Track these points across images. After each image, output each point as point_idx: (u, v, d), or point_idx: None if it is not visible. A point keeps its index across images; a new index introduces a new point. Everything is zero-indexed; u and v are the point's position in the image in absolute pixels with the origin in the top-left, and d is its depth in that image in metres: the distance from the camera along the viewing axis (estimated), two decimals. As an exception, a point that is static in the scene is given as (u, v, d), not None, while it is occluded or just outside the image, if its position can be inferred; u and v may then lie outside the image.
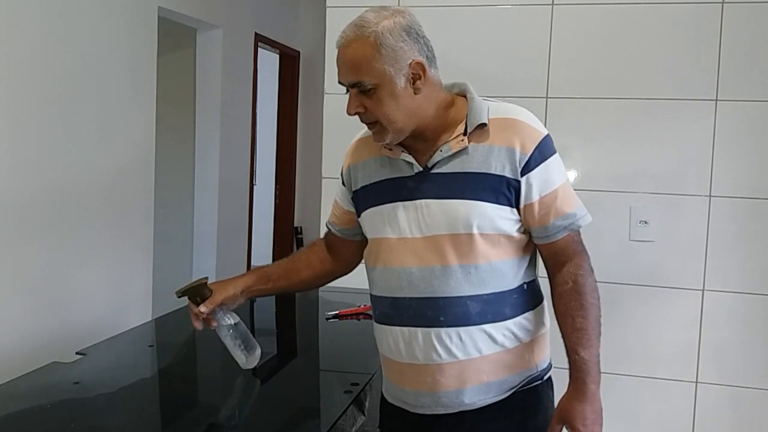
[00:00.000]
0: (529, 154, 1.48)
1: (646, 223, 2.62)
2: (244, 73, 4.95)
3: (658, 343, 2.65)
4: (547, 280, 1.60)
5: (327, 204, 2.92)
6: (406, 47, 1.47)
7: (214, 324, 1.69)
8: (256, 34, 5.03)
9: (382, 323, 1.61)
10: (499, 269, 1.52)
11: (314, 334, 2.50)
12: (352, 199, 1.68)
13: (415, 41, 1.49)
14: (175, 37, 4.51)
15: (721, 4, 2.53)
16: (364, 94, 1.48)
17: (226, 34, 4.58)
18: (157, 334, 2.36)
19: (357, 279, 1.93)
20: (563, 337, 1.56)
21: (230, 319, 1.71)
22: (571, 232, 1.53)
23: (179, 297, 1.65)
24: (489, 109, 1.53)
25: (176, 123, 4.59)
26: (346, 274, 1.84)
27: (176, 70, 4.61)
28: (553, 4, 2.65)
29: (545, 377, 1.62)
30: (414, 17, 1.53)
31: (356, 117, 1.57)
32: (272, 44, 5.36)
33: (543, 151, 1.50)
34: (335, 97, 2.87)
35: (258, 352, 1.74)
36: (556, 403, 1.58)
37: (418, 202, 1.52)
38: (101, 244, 3.43)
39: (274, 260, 6.62)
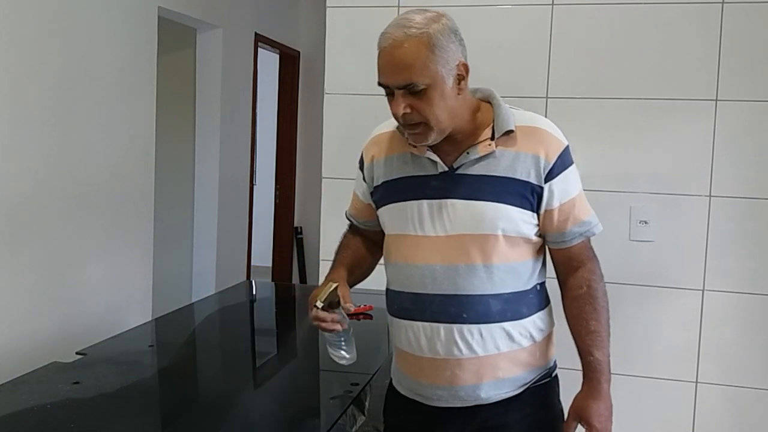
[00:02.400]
0: (552, 163, 1.55)
1: (646, 223, 2.62)
2: (244, 73, 4.95)
3: (658, 343, 2.65)
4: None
5: (327, 204, 2.93)
6: (455, 48, 1.51)
7: (345, 327, 1.61)
8: (256, 34, 5.03)
9: (400, 318, 1.63)
10: (518, 270, 1.58)
11: (314, 334, 2.50)
12: (371, 193, 1.72)
13: (460, 43, 1.53)
14: (175, 37, 4.51)
15: (721, 4, 2.53)
16: (414, 95, 1.49)
17: (226, 34, 4.58)
18: (157, 334, 2.36)
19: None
20: (575, 339, 1.62)
21: (347, 318, 1.63)
22: (585, 238, 1.62)
23: (323, 309, 1.56)
24: (514, 116, 1.58)
25: (176, 123, 4.59)
26: None
27: (176, 70, 4.61)
28: (553, 4, 2.65)
29: (553, 374, 1.69)
30: (453, 20, 1.56)
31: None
32: (272, 44, 5.36)
33: (564, 161, 1.57)
34: (335, 97, 2.88)
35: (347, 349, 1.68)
36: (563, 399, 1.68)
37: (443, 201, 1.56)
38: (101, 243, 3.43)
39: (274, 260, 6.59)
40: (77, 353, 1.95)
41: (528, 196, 1.54)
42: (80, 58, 3.23)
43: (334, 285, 1.58)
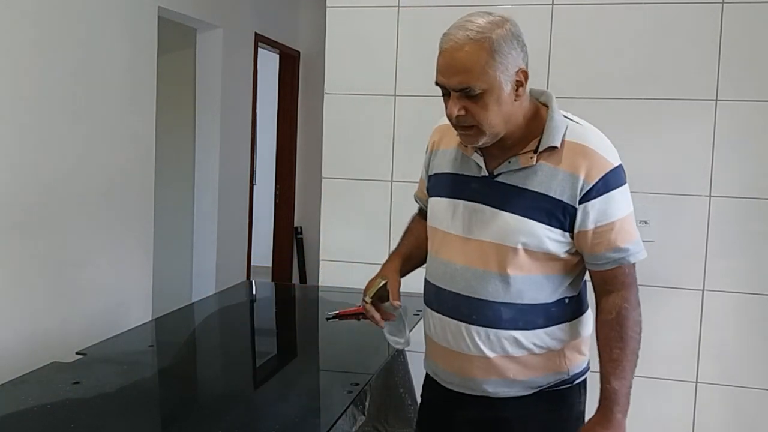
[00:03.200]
0: (592, 184, 1.52)
1: (646, 223, 2.61)
2: (244, 73, 4.94)
3: (658, 343, 2.65)
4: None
5: (327, 204, 2.93)
6: (515, 54, 1.51)
7: (394, 318, 1.70)
8: (256, 34, 5.03)
9: (427, 306, 1.73)
10: (540, 283, 1.58)
11: (314, 334, 2.50)
12: (428, 179, 1.77)
13: (522, 49, 1.53)
14: (175, 37, 4.51)
15: (721, 4, 2.53)
16: (470, 98, 1.49)
17: (226, 34, 4.58)
18: (157, 334, 2.36)
19: (357, 279, 1.93)
20: (600, 362, 1.60)
21: (399, 310, 1.71)
22: (622, 265, 1.57)
23: (371, 303, 1.68)
24: (567, 128, 1.57)
25: (176, 123, 4.58)
26: None
27: (176, 70, 4.61)
28: (553, 4, 2.65)
29: (576, 381, 1.67)
30: (518, 25, 1.55)
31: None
32: (272, 44, 5.36)
33: (608, 183, 1.53)
34: (335, 97, 2.88)
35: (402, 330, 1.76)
36: (586, 408, 1.68)
37: (476, 205, 1.59)
38: (101, 243, 3.43)
39: (274, 260, 6.59)
40: (77, 353, 1.95)
41: (558, 214, 1.53)
42: (80, 58, 3.23)
43: (383, 282, 1.66)
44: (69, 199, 3.19)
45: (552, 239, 1.54)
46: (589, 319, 1.71)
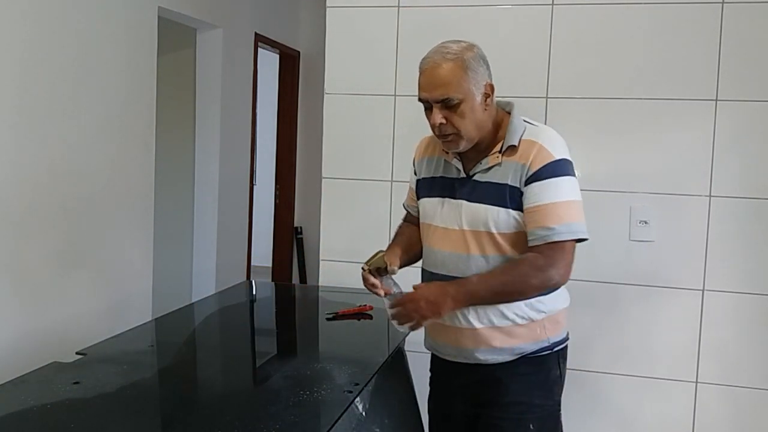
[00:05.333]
0: (534, 171, 1.80)
1: (646, 223, 2.62)
2: (244, 73, 4.94)
3: (658, 343, 2.65)
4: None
5: (327, 204, 2.93)
6: (483, 71, 1.83)
7: (392, 291, 1.88)
8: (256, 34, 5.03)
9: None
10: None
11: (314, 334, 2.50)
12: (416, 183, 2.06)
13: (487, 68, 1.86)
14: (175, 37, 4.51)
15: (721, 4, 2.53)
16: (449, 109, 1.80)
17: (226, 34, 4.58)
18: (157, 334, 2.36)
19: (357, 279, 1.94)
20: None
21: (400, 287, 1.89)
22: (547, 242, 1.78)
23: (368, 271, 1.89)
24: (525, 130, 1.86)
25: (176, 123, 4.59)
26: None
27: (176, 70, 4.61)
28: (553, 4, 2.65)
29: (556, 348, 1.92)
30: (482, 49, 1.87)
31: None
32: (272, 44, 5.36)
33: (549, 171, 1.79)
34: (335, 97, 2.88)
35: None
36: (564, 372, 1.95)
37: (457, 201, 1.90)
38: (101, 243, 3.43)
39: (274, 260, 6.59)
40: (77, 353, 1.95)
41: (516, 198, 1.82)
42: (80, 58, 3.23)
43: (381, 252, 1.92)
44: (68, 199, 3.19)
45: (516, 218, 1.82)
46: (564, 292, 1.96)
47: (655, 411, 2.67)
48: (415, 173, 2.07)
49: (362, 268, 1.90)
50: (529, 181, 1.80)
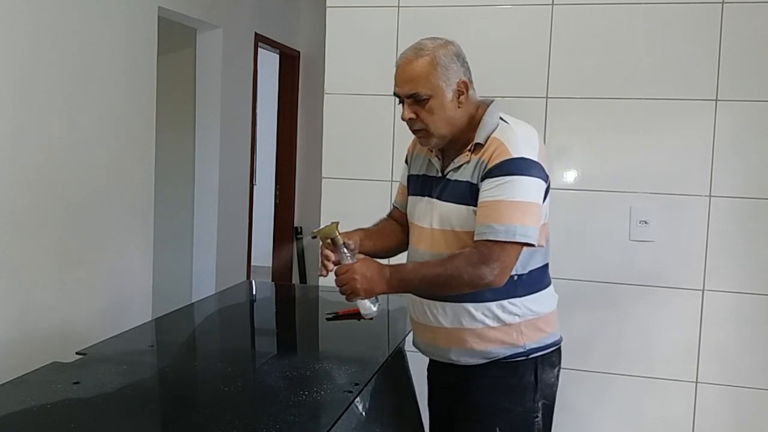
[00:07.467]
0: (490, 167, 1.77)
1: (646, 223, 2.62)
2: (244, 73, 4.94)
3: (658, 343, 2.65)
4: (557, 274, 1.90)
5: (327, 204, 2.93)
6: (456, 68, 1.80)
7: (347, 260, 1.81)
8: (256, 34, 5.03)
9: None
10: None
11: (314, 334, 2.50)
12: (407, 179, 2.05)
13: (462, 65, 1.83)
14: (175, 37, 4.51)
15: (721, 4, 2.53)
16: (418, 104, 1.80)
17: (226, 34, 4.58)
18: (157, 334, 2.36)
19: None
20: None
21: (350, 243, 1.85)
22: (485, 240, 1.73)
23: (313, 238, 1.86)
24: (497, 128, 1.82)
25: (176, 123, 4.59)
26: None
27: (176, 70, 4.61)
28: (553, 4, 2.65)
29: (532, 355, 1.86)
30: (460, 47, 1.85)
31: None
32: (272, 44, 5.36)
33: (505, 168, 1.75)
34: (335, 97, 2.88)
35: (379, 304, 1.85)
36: (551, 378, 1.89)
37: (432, 199, 1.89)
38: (101, 243, 3.43)
39: (274, 260, 6.60)
40: (77, 353, 1.95)
41: (474, 195, 1.79)
42: (80, 58, 3.23)
43: (335, 223, 1.84)
44: (68, 199, 3.19)
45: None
46: (547, 298, 1.91)
47: (655, 411, 2.66)
48: (408, 167, 2.06)
49: (311, 236, 1.88)
50: (483, 178, 1.77)
